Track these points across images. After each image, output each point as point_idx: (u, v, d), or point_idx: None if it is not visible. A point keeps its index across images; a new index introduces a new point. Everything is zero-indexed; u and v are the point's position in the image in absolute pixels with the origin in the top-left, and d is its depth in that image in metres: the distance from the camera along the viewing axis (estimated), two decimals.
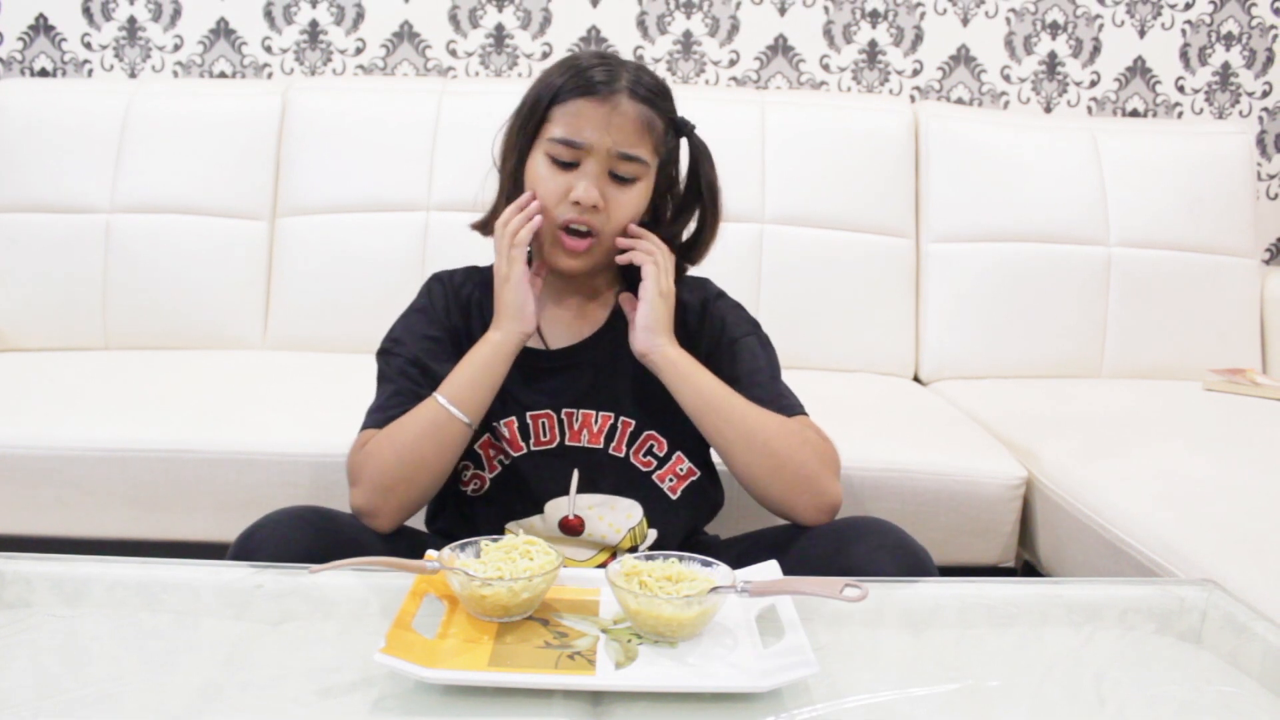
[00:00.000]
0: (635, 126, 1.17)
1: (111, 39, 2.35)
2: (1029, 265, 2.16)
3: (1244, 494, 1.46)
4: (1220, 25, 2.43)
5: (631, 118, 1.17)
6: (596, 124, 1.16)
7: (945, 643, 0.99)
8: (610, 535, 1.22)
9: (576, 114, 1.16)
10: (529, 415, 1.22)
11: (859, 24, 2.40)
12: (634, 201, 1.20)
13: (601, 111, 1.16)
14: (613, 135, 1.16)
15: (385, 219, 2.10)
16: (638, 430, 1.23)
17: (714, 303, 1.29)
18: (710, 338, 1.27)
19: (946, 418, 1.84)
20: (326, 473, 1.56)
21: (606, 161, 1.17)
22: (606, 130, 1.16)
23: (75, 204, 2.10)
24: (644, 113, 1.18)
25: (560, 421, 1.22)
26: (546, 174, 1.18)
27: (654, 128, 1.19)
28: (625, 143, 1.16)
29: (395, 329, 1.27)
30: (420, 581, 0.97)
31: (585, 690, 0.84)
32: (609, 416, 1.23)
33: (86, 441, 1.58)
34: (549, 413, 1.22)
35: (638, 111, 1.17)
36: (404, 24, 2.36)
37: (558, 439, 1.22)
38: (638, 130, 1.17)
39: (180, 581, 1.04)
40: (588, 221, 1.17)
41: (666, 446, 1.24)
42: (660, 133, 1.20)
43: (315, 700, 0.82)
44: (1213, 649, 0.99)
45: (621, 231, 1.20)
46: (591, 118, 1.16)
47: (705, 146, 1.25)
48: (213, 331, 2.09)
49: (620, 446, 1.23)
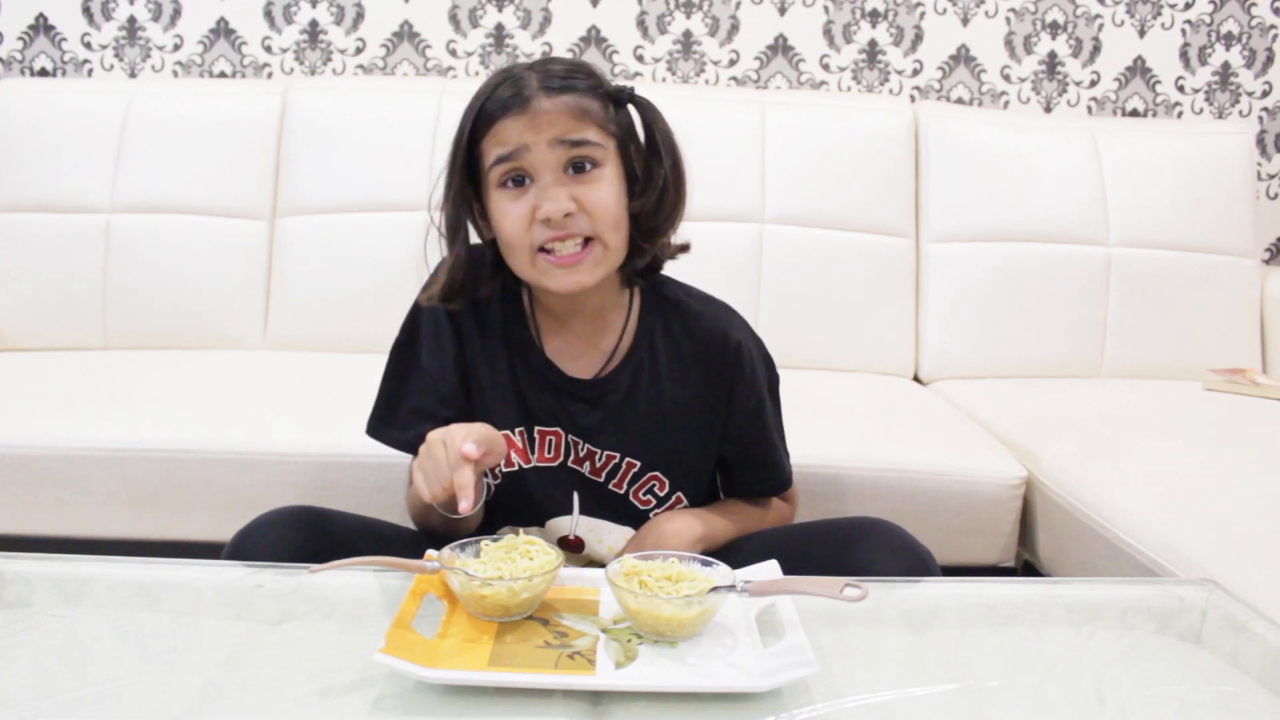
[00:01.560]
0: (566, 112, 1.08)
1: (111, 39, 2.35)
2: (1029, 265, 2.16)
3: (1244, 494, 1.46)
4: (1220, 25, 2.43)
5: (559, 108, 1.08)
6: (524, 128, 1.07)
7: (945, 643, 0.99)
8: (609, 558, 1.21)
9: (502, 130, 1.08)
10: (537, 430, 1.19)
11: (859, 24, 2.40)
12: (607, 191, 1.10)
13: (525, 117, 1.07)
14: (544, 131, 1.07)
15: (385, 219, 2.10)
16: (641, 471, 1.20)
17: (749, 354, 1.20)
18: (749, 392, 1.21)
19: (946, 418, 1.84)
20: (326, 473, 1.56)
21: (555, 158, 1.08)
22: (537, 130, 1.07)
23: (75, 204, 2.10)
24: (568, 101, 1.09)
25: (567, 444, 1.19)
26: (505, 206, 1.09)
27: (587, 109, 1.10)
28: (563, 130, 1.07)
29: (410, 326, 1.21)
30: (420, 581, 0.97)
31: (585, 690, 0.84)
32: (614, 456, 1.19)
33: (86, 441, 1.58)
34: (558, 431, 1.19)
35: (560, 103, 1.08)
36: (404, 24, 2.36)
37: (561, 458, 1.20)
38: (571, 113, 1.08)
39: (180, 581, 1.04)
40: (568, 233, 1.08)
41: (668, 487, 1.21)
42: (599, 111, 1.11)
43: (315, 700, 0.82)
44: (1213, 649, 0.99)
45: (618, 225, 1.11)
46: (517, 126, 1.07)
47: (650, 103, 1.15)
48: (213, 331, 2.09)
49: (621, 484, 1.20)
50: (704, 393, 1.19)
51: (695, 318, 1.20)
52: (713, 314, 1.22)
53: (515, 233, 1.09)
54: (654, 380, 1.19)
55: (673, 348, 1.20)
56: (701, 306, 1.22)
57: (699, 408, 1.20)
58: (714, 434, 1.21)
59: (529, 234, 1.09)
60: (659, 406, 1.19)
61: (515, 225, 1.09)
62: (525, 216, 1.09)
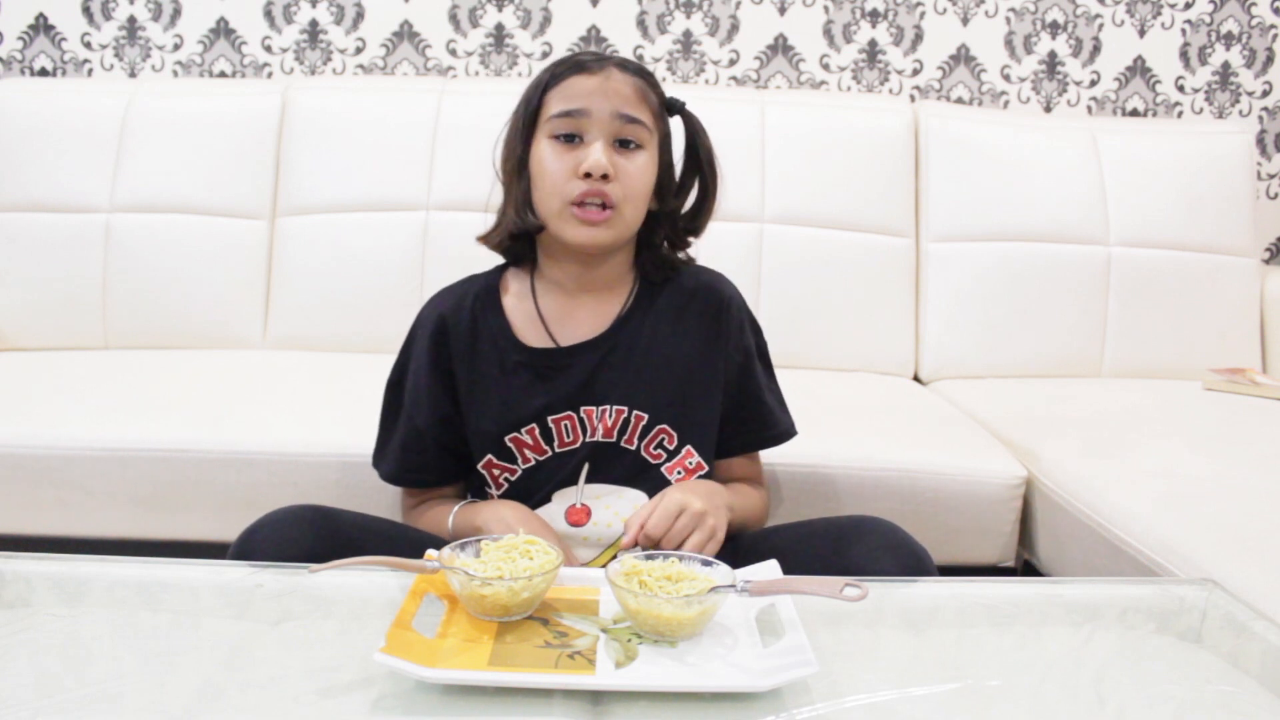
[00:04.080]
0: (632, 91, 1.18)
1: (111, 39, 2.35)
2: (1029, 265, 2.16)
3: (1244, 494, 1.46)
4: (1220, 25, 2.43)
5: (627, 83, 1.19)
6: (593, 91, 1.17)
7: (945, 643, 0.99)
8: (616, 524, 1.22)
9: (571, 87, 1.18)
10: (550, 420, 1.22)
11: (859, 23, 2.40)
12: (643, 170, 1.19)
13: (595, 80, 1.17)
14: (610, 100, 1.17)
15: (385, 219, 2.10)
16: (650, 424, 1.23)
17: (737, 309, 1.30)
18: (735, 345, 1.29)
19: (946, 417, 1.84)
20: (326, 472, 1.56)
21: (610, 126, 1.17)
22: (604, 95, 1.17)
23: (75, 204, 2.10)
24: (637, 82, 1.20)
25: (581, 420, 1.23)
26: (551, 154, 1.18)
27: (649, 96, 1.20)
28: (625, 105, 1.17)
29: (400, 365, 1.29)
30: (420, 581, 0.97)
31: (585, 690, 0.84)
32: (623, 410, 1.23)
33: (86, 441, 1.58)
34: (569, 414, 1.22)
35: (631, 80, 1.19)
36: (404, 23, 2.36)
37: (580, 438, 1.23)
38: (635, 94, 1.19)
39: (180, 581, 1.04)
40: (601, 192, 1.16)
41: (677, 440, 1.24)
42: (656, 104, 1.21)
43: (315, 700, 0.82)
44: (1213, 649, 0.99)
45: (638, 203, 1.20)
46: (587, 86, 1.17)
47: (697, 119, 1.26)
48: (213, 331, 2.09)
49: (632, 439, 1.23)
50: (702, 345, 1.26)
51: (692, 275, 1.30)
52: (707, 274, 1.32)
53: (557, 181, 1.17)
54: (655, 333, 1.25)
55: (672, 303, 1.27)
56: (697, 268, 1.32)
57: (700, 359, 1.26)
58: (716, 385, 1.27)
59: (567, 185, 1.17)
60: (662, 358, 1.24)
61: (558, 175, 1.17)
62: (569, 169, 1.17)
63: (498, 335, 1.24)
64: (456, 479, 1.29)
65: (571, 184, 1.16)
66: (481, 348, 1.24)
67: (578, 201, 1.16)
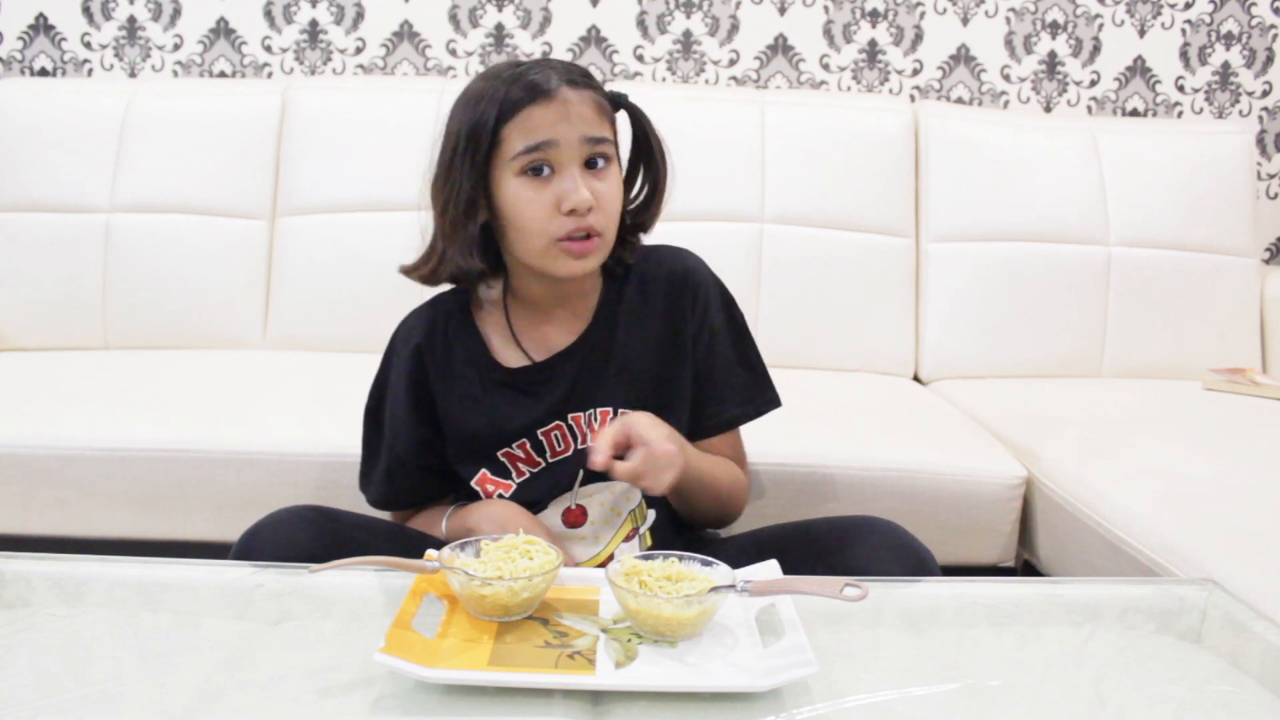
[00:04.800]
0: (590, 109, 1.14)
1: (111, 39, 2.35)
2: (1029, 265, 2.16)
3: (1244, 494, 1.46)
4: (1220, 25, 2.43)
5: (583, 101, 1.14)
6: (555, 119, 1.12)
7: (945, 643, 0.99)
8: (613, 520, 1.21)
9: (530, 119, 1.12)
10: (540, 433, 1.21)
11: (859, 23, 2.40)
12: (615, 187, 1.17)
13: (554, 107, 1.12)
14: (574, 125, 1.12)
15: (385, 219, 2.10)
16: None
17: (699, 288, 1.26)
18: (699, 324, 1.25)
19: (946, 417, 1.84)
20: (327, 472, 1.56)
21: (578, 152, 1.13)
22: (567, 121, 1.12)
23: (75, 204, 2.10)
24: (591, 96, 1.15)
25: (570, 427, 1.21)
26: (527, 193, 1.13)
27: (604, 107, 1.17)
28: (589, 127, 1.13)
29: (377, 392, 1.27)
30: (420, 581, 0.97)
31: (585, 690, 0.84)
32: (608, 411, 1.21)
33: (86, 441, 1.58)
34: (558, 424, 1.21)
35: (587, 96, 1.15)
36: (404, 23, 2.36)
37: (572, 446, 1.21)
38: (594, 110, 1.15)
39: (180, 581, 1.04)
40: (589, 226, 1.13)
41: None
42: (609, 110, 1.18)
43: (315, 700, 0.82)
44: (1213, 649, 0.99)
45: (616, 219, 1.17)
46: (547, 116, 1.12)
47: (641, 110, 1.21)
48: (213, 331, 2.09)
49: None
50: (670, 328, 1.24)
51: (655, 261, 1.26)
52: (668, 255, 1.28)
53: (538, 220, 1.13)
54: (628, 329, 1.23)
55: (639, 293, 1.25)
56: (657, 251, 1.28)
57: (670, 342, 1.24)
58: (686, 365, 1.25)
59: (551, 223, 1.13)
60: (637, 352, 1.23)
61: (539, 213, 1.13)
62: (549, 205, 1.12)
63: (475, 357, 1.23)
64: (444, 496, 1.28)
65: (555, 221, 1.13)
66: (458, 369, 1.22)
67: (565, 237, 1.13)
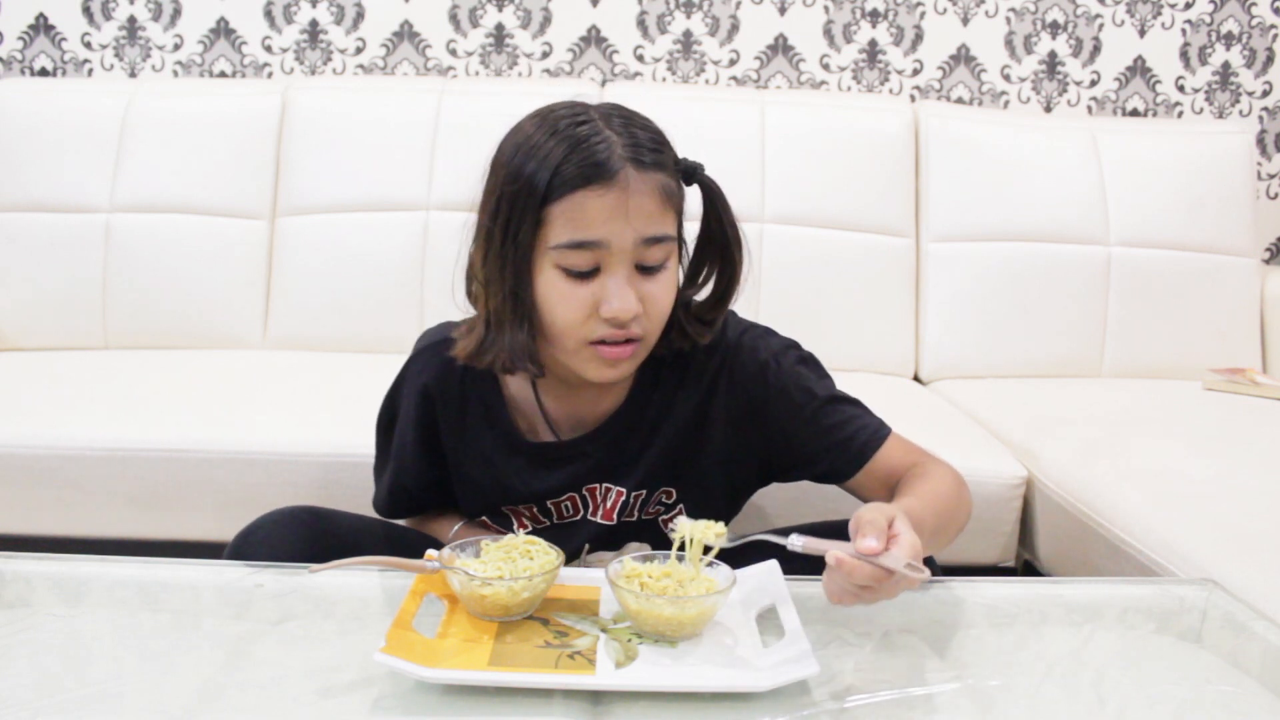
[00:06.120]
0: (655, 200, 0.97)
1: (111, 38, 2.35)
2: (1029, 265, 2.16)
3: (1244, 494, 1.46)
4: (1220, 25, 2.43)
5: (649, 193, 0.97)
6: (610, 214, 0.95)
7: (945, 643, 0.99)
8: None
9: (581, 208, 0.95)
10: (549, 503, 1.16)
11: (859, 23, 2.40)
12: (669, 288, 1.01)
13: (612, 197, 0.95)
14: (632, 223, 0.95)
15: (385, 219, 2.10)
16: (647, 497, 1.16)
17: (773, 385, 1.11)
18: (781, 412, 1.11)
19: (946, 417, 1.84)
20: (327, 472, 1.56)
21: (633, 256, 0.97)
22: (624, 217, 0.95)
23: (75, 204, 2.10)
24: (658, 180, 0.97)
25: (583, 497, 1.16)
26: (563, 291, 0.98)
27: (670, 193, 0.99)
28: (648, 225, 0.96)
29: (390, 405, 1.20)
30: (420, 581, 0.97)
31: (585, 690, 0.84)
32: (622, 492, 1.15)
33: (86, 441, 1.58)
34: (571, 495, 1.16)
35: (652, 183, 0.97)
36: (404, 23, 2.36)
37: (582, 513, 1.16)
38: (658, 201, 0.97)
39: (180, 581, 1.04)
40: (628, 334, 1.00)
41: (676, 495, 1.17)
42: (676, 193, 1.00)
43: (315, 700, 0.82)
44: (1213, 649, 0.99)
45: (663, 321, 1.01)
46: (602, 209, 0.95)
47: (717, 186, 1.05)
48: (213, 331, 2.09)
49: (633, 513, 1.17)
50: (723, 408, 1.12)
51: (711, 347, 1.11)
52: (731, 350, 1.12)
53: (572, 321, 1.00)
54: (661, 410, 1.13)
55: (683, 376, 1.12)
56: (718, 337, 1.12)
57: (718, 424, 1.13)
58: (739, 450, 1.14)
59: (585, 326, 1.00)
60: (670, 432, 1.13)
61: (574, 314, 0.99)
62: (586, 306, 0.99)
63: (494, 418, 1.14)
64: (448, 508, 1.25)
65: (591, 324, 0.99)
66: (472, 424, 1.15)
67: (599, 340, 1.00)
